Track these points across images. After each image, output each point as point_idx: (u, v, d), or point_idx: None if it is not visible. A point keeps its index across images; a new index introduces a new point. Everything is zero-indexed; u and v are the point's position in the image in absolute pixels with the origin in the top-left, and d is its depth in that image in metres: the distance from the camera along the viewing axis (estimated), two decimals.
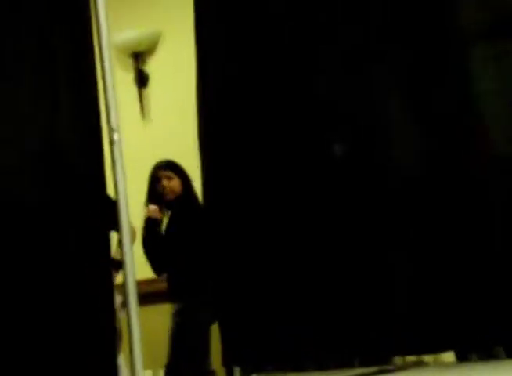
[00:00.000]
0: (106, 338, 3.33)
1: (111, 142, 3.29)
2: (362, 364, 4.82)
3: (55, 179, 3.45)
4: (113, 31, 3.57)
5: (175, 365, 5.52)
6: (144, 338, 3.31)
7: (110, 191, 3.40)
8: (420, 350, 4.70)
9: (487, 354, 4.42)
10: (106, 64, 3.34)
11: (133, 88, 7.20)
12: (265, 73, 4.88)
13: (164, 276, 5.71)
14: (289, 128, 4.79)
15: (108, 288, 3.37)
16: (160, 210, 5.68)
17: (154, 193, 5.67)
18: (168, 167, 5.71)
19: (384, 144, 4.56)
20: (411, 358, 4.83)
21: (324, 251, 4.60)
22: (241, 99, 5.03)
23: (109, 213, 3.31)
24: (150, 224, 5.61)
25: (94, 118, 3.36)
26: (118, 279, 3.66)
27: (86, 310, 3.26)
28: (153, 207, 5.59)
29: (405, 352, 4.76)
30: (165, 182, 5.65)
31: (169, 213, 5.74)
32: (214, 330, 5.25)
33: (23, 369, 3.37)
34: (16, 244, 3.41)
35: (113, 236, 3.64)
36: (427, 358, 4.84)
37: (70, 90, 3.38)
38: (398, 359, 4.82)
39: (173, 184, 5.65)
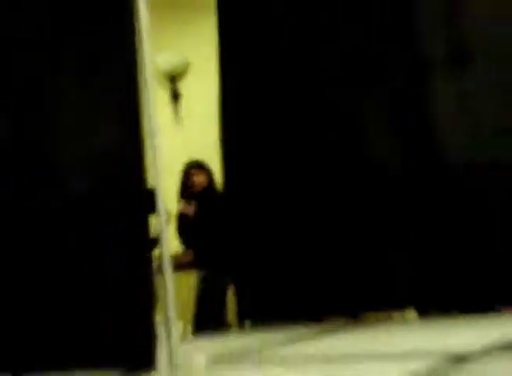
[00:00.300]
0: (146, 297, 3.30)
1: (152, 146, 3.28)
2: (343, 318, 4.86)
3: (112, 173, 3.43)
4: (154, 58, 3.53)
5: (200, 318, 5.52)
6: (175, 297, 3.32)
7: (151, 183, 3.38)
8: (388, 307, 4.73)
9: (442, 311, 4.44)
10: (149, 84, 3.30)
11: (169, 103, 7.20)
12: (271, 91, 4.87)
13: (190, 251, 5.72)
14: (290, 135, 4.78)
15: (148, 259, 3.35)
16: (189, 203, 5.68)
17: (185, 186, 5.67)
18: (197, 166, 5.70)
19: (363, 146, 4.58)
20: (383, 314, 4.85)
21: (321, 230, 4.56)
22: (252, 112, 5.01)
23: (149, 200, 3.30)
24: (182, 216, 5.64)
25: (139, 126, 3.33)
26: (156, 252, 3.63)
27: (133, 275, 3.24)
28: (184, 204, 5.61)
29: (378, 309, 4.77)
30: (195, 178, 5.65)
31: (196, 203, 5.69)
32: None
33: (78, 323, 3.34)
34: (85, 222, 3.40)
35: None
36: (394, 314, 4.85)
37: (122, 106, 3.36)
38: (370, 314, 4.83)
39: (200, 180, 5.65)
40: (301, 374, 2.72)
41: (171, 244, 3.52)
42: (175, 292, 3.29)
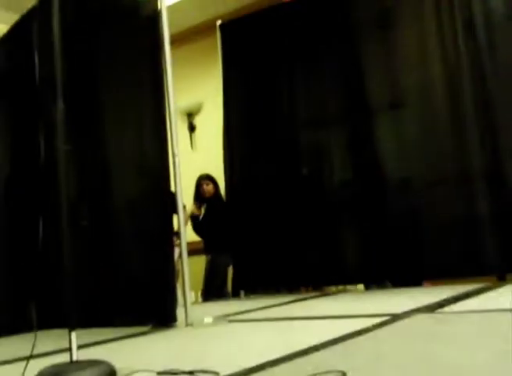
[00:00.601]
0: (169, 273, 3.29)
1: (174, 162, 3.30)
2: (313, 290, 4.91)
3: (146, 182, 3.48)
4: (176, 101, 3.56)
5: (207, 289, 5.52)
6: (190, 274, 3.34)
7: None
8: (346, 282, 4.78)
9: (381, 285, 4.49)
10: (173, 118, 3.34)
11: (187, 133, 7.22)
12: (265, 124, 4.94)
13: (201, 241, 5.72)
14: (274, 161, 4.85)
15: (171, 245, 3.35)
16: (200, 206, 5.63)
17: (198, 193, 5.61)
18: (207, 177, 5.63)
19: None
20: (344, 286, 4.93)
21: (295, 225, 4.62)
22: (248, 141, 5.07)
23: (172, 202, 3.31)
24: (193, 216, 5.61)
25: (165, 148, 3.34)
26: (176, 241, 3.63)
27: (161, 257, 3.26)
28: (194, 207, 5.60)
29: (339, 283, 4.84)
30: (204, 187, 5.58)
31: (206, 206, 5.65)
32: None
33: (124, 291, 3.41)
34: (131, 218, 3.51)
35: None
36: (349, 287, 4.91)
37: (155, 135, 3.40)
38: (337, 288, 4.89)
39: (209, 188, 5.58)
40: (274, 327, 2.80)
41: (187, 235, 3.50)
42: (190, 270, 3.30)
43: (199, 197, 5.64)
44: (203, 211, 5.68)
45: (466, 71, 3.99)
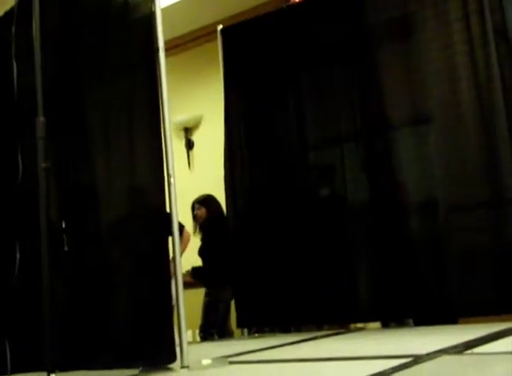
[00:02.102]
0: (164, 304, 3.27)
1: (169, 183, 3.27)
2: (327, 328, 4.86)
3: (137, 204, 3.49)
4: (172, 114, 3.57)
5: (206, 327, 5.49)
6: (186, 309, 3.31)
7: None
8: (361, 320, 4.75)
9: (401, 323, 4.48)
10: (168, 135, 3.30)
11: (184, 150, 7.23)
12: (271, 140, 4.97)
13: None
14: (283, 183, 4.88)
15: (167, 274, 3.31)
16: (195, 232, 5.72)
17: (194, 219, 5.71)
18: (198, 202, 5.68)
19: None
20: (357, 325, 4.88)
21: (305, 254, 4.62)
22: (252, 160, 5.09)
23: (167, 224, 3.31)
24: None
25: (160, 168, 3.35)
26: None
27: (154, 286, 3.23)
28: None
29: (353, 321, 4.81)
30: (196, 212, 5.66)
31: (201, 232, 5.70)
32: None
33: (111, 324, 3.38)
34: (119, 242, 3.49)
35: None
36: (363, 325, 4.86)
37: (148, 154, 3.40)
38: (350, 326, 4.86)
39: (201, 212, 5.63)
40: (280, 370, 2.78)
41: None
42: (186, 304, 3.27)
43: (195, 223, 5.67)
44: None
45: (497, 82, 4.00)
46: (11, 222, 3.56)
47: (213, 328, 5.40)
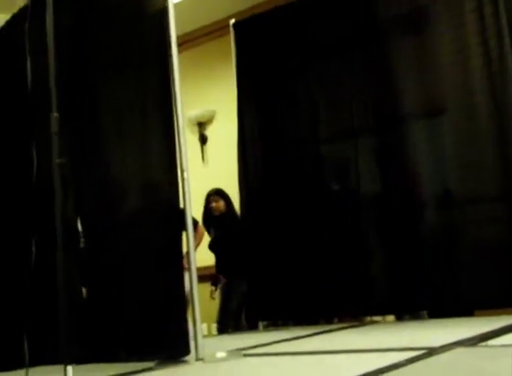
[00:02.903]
0: (179, 298, 3.28)
1: (182, 178, 3.28)
2: (340, 322, 4.86)
3: (152, 200, 3.52)
4: (186, 109, 3.58)
5: (223, 317, 5.45)
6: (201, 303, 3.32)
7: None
8: (375, 313, 4.74)
9: (415, 316, 4.47)
10: (181, 130, 3.32)
11: (198, 145, 7.23)
12: (285, 134, 4.96)
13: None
14: (297, 176, 4.88)
15: (181, 268, 3.33)
16: (209, 230, 5.64)
17: (206, 212, 5.57)
18: (216, 193, 5.58)
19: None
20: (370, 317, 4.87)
21: (319, 247, 4.62)
22: (266, 154, 5.09)
23: (180, 220, 3.34)
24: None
25: (173, 163, 3.35)
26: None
27: (168, 280, 3.27)
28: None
29: (367, 314, 4.80)
30: (214, 204, 5.53)
31: (215, 226, 5.60)
32: None
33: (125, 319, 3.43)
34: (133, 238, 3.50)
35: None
36: (377, 318, 4.87)
37: (161, 149, 3.42)
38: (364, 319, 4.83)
39: (219, 205, 5.51)
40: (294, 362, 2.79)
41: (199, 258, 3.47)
42: (201, 298, 3.28)
43: (207, 216, 5.59)
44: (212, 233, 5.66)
45: (510, 73, 3.97)
46: (27, 217, 3.59)
47: (231, 320, 5.37)
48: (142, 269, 3.40)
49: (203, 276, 3.95)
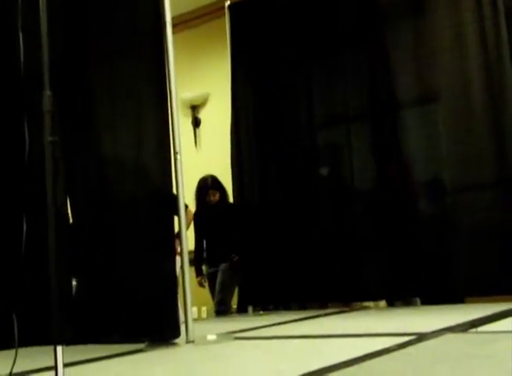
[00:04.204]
0: (170, 282, 3.30)
1: (175, 160, 3.28)
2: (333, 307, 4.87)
3: (144, 182, 3.50)
4: (179, 92, 3.56)
5: (225, 300, 5.31)
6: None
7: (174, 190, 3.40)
8: (366, 299, 4.75)
9: (407, 302, 4.49)
10: (175, 112, 3.33)
11: (190, 128, 7.20)
12: (279, 119, 4.95)
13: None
14: (290, 162, 4.87)
15: (172, 252, 3.34)
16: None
17: (201, 201, 5.43)
18: (212, 186, 5.40)
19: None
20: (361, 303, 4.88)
21: (311, 233, 4.66)
22: (259, 138, 5.08)
23: (173, 204, 3.33)
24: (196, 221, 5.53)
25: (166, 145, 3.34)
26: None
27: (160, 263, 3.27)
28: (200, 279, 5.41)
29: (358, 300, 4.81)
30: (211, 198, 5.36)
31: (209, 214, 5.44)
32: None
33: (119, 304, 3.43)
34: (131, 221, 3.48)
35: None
36: (368, 304, 4.87)
37: (155, 131, 3.42)
38: (354, 304, 4.86)
39: (215, 198, 5.36)
40: (284, 346, 2.81)
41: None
42: (191, 281, 3.30)
43: (203, 204, 5.55)
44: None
45: (507, 62, 3.99)
46: (18, 195, 3.58)
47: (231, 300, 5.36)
48: (133, 251, 3.40)
49: (191, 260, 3.95)
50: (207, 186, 5.45)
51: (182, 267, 3.30)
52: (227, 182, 5.31)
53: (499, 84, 4.01)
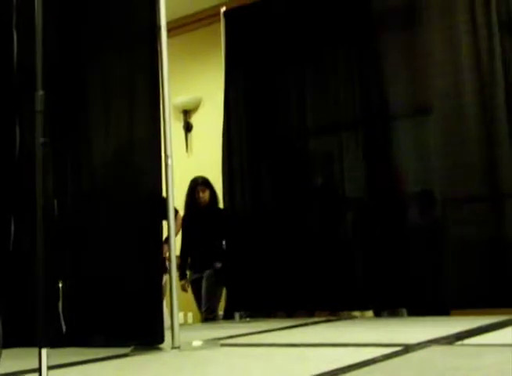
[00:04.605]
0: (156, 286, 3.30)
1: (166, 164, 3.27)
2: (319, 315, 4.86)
3: (134, 185, 3.49)
4: (171, 96, 3.55)
5: (212, 307, 5.29)
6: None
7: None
8: (354, 308, 4.75)
9: (394, 312, 4.50)
10: (167, 117, 3.31)
11: (182, 133, 7.19)
12: (271, 126, 4.96)
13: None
14: (281, 169, 4.87)
15: (160, 256, 3.32)
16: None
17: (192, 200, 5.39)
18: (203, 183, 5.41)
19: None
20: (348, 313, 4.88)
21: (299, 241, 4.66)
22: (251, 145, 5.09)
23: (162, 207, 3.32)
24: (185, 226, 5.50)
25: (157, 148, 3.34)
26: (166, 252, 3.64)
27: (147, 267, 3.26)
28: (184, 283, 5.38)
29: (345, 309, 4.80)
30: (200, 194, 5.37)
31: (199, 217, 5.40)
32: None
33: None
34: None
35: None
36: (355, 313, 4.87)
37: (146, 134, 3.41)
38: (342, 313, 4.85)
39: (205, 196, 5.36)
40: (270, 353, 2.80)
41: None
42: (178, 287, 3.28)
43: (192, 204, 5.52)
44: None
45: (500, 75, 4.02)
46: (6, 195, 3.56)
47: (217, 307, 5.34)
48: (120, 255, 3.39)
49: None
50: (197, 182, 5.44)
51: (169, 272, 3.29)
52: (218, 187, 5.32)
53: (491, 97, 4.03)
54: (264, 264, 4.78)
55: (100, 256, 3.50)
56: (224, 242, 5.32)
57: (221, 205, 5.39)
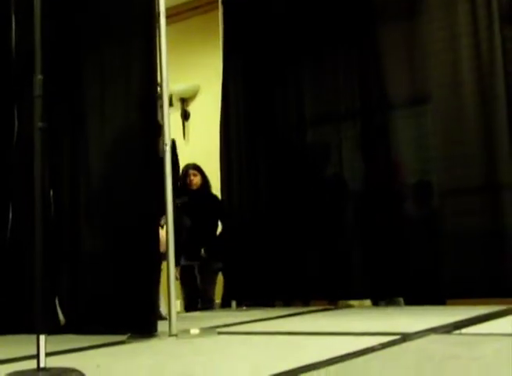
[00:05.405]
0: (152, 274, 3.30)
1: (163, 152, 3.24)
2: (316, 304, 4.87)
3: (131, 173, 3.48)
4: (169, 84, 3.53)
5: (194, 295, 5.37)
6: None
7: None
8: (351, 297, 4.76)
9: (391, 301, 4.51)
10: (165, 105, 3.30)
11: (179, 121, 7.20)
12: (269, 115, 4.95)
13: None
14: (279, 158, 4.87)
15: (156, 243, 3.32)
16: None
17: (183, 183, 5.39)
18: (194, 167, 5.45)
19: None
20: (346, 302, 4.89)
21: (297, 230, 4.66)
22: (249, 134, 5.07)
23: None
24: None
25: (155, 137, 3.33)
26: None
27: (143, 254, 3.25)
28: None
29: (343, 298, 4.80)
30: (192, 177, 5.38)
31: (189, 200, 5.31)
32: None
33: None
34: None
35: None
36: (353, 302, 4.89)
37: (143, 121, 3.40)
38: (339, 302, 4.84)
39: (196, 179, 5.41)
40: (267, 342, 2.81)
41: None
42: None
43: (183, 188, 5.42)
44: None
45: (500, 65, 4.01)
46: (4, 182, 3.55)
47: (198, 297, 5.35)
48: (117, 244, 3.39)
49: None
50: (189, 166, 5.43)
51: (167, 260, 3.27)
52: (215, 175, 5.30)
53: (490, 88, 4.03)
54: (261, 253, 4.78)
55: (97, 245, 3.49)
56: (217, 228, 5.32)
57: (214, 192, 5.38)
